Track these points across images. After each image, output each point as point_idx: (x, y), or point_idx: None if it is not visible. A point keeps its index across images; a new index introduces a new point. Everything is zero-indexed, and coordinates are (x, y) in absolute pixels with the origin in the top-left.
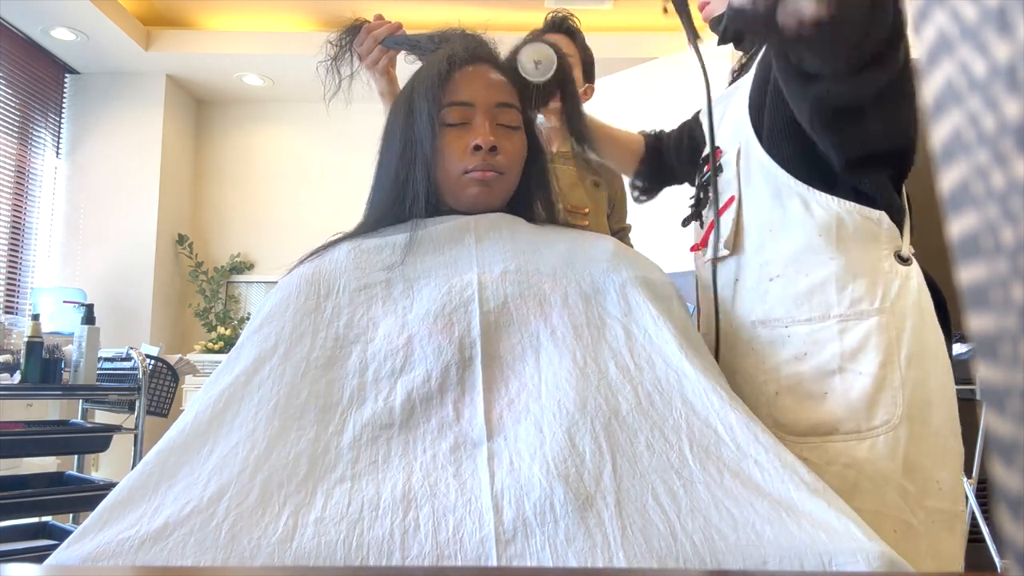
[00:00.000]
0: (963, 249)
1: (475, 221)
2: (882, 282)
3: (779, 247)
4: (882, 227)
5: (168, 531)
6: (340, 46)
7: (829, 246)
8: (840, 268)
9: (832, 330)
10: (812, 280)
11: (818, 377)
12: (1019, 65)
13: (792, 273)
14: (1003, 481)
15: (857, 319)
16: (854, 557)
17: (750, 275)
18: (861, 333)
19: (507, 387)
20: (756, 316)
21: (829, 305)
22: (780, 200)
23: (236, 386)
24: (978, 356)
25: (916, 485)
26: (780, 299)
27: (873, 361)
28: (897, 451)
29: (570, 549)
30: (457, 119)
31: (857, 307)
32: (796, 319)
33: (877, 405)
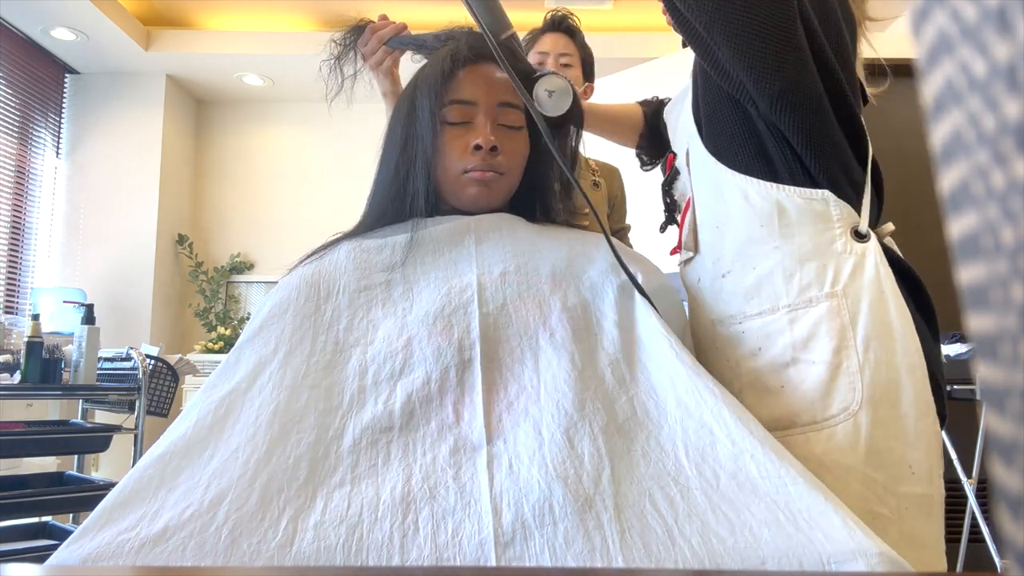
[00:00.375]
0: (963, 249)
1: (475, 222)
2: (833, 264)
3: (725, 243)
4: (829, 205)
5: (168, 534)
6: (344, 45)
7: (772, 235)
8: (785, 256)
9: (782, 321)
10: (759, 272)
11: (773, 370)
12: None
13: (740, 268)
14: (1003, 481)
15: (806, 307)
16: (853, 557)
17: (706, 274)
18: (811, 321)
19: (506, 389)
20: (714, 315)
21: (777, 296)
22: (722, 194)
23: (237, 392)
24: (978, 356)
25: (885, 472)
26: (732, 295)
27: (826, 348)
28: (858, 439)
29: (569, 552)
30: (458, 118)
31: (805, 294)
32: (748, 314)
33: (833, 393)
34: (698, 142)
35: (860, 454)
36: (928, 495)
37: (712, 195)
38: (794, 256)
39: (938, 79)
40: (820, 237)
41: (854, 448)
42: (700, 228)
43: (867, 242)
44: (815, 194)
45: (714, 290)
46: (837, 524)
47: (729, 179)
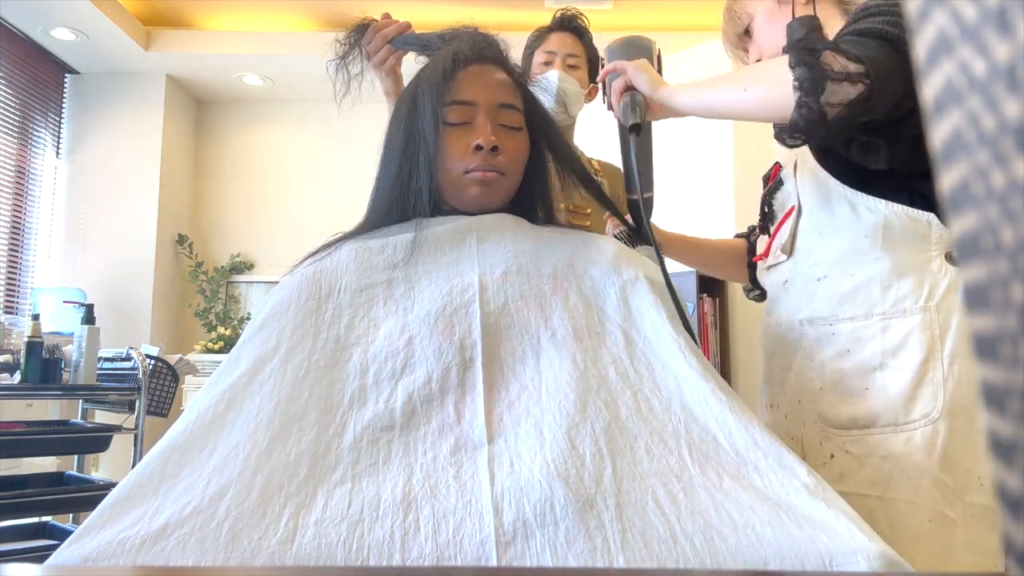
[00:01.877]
0: (963, 249)
1: (477, 222)
2: (929, 281)
3: (828, 248)
4: (932, 228)
5: (169, 531)
6: (348, 45)
7: (875, 247)
8: (885, 268)
9: (875, 327)
10: (858, 280)
11: (860, 373)
12: (1019, 65)
13: (838, 273)
14: (1003, 481)
15: (900, 316)
16: (855, 557)
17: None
18: (903, 330)
19: (507, 389)
20: (804, 315)
21: (873, 303)
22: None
23: (238, 387)
24: (978, 356)
25: (955, 479)
26: (826, 298)
27: (914, 357)
28: (935, 445)
29: (570, 551)
30: (459, 118)
31: (900, 305)
32: (840, 317)
33: (915, 400)
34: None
35: (935, 459)
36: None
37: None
38: (894, 269)
39: (938, 79)
40: (920, 255)
41: (930, 452)
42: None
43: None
44: (920, 215)
45: (807, 291)
46: (839, 525)
47: (840, 191)
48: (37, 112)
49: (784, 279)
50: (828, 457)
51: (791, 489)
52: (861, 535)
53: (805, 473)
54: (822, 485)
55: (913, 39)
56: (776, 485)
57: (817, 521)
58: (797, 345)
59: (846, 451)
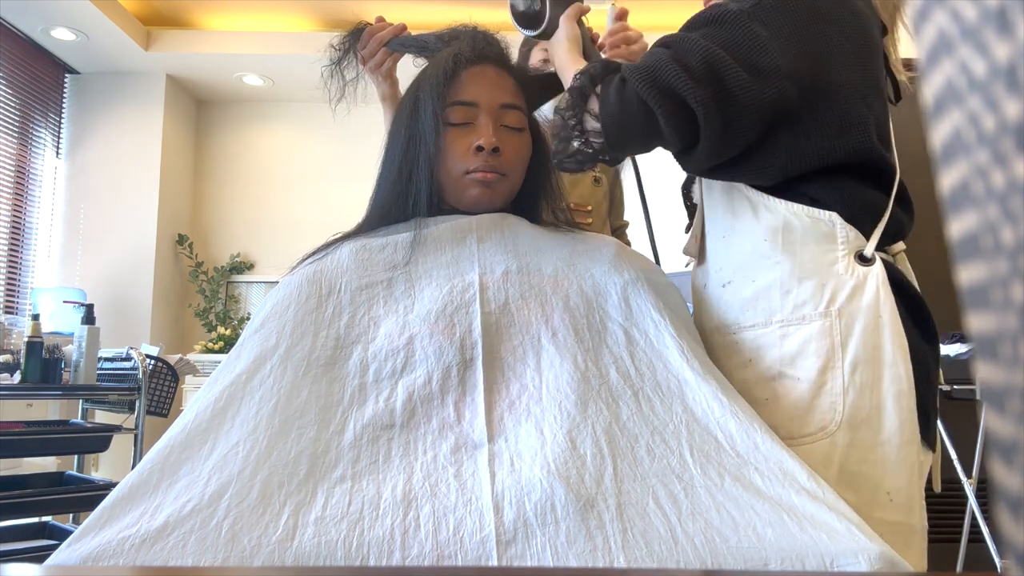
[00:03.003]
0: (963, 249)
1: (477, 221)
2: (832, 284)
3: (730, 253)
4: (835, 227)
5: (169, 530)
6: (343, 49)
7: (775, 250)
8: (785, 272)
9: (774, 335)
10: (758, 285)
11: (760, 383)
12: (1019, 65)
13: (741, 279)
14: (1003, 481)
15: (798, 324)
16: (855, 557)
17: (710, 281)
18: (801, 338)
19: (508, 388)
20: (713, 323)
21: (772, 310)
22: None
23: (237, 385)
24: (978, 356)
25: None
26: (730, 305)
27: (812, 366)
28: (832, 459)
29: (571, 551)
30: (461, 119)
31: (799, 311)
32: (743, 325)
33: (812, 411)
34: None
35: (833, 474)
36: (907, 524)
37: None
38: (794, 273)
39: (938, 79)
40: (823, 257)
41: (827, 467)
42: (707, 236)
43: (871, 266)
44: (822, 215)
45: (715, 298)
46: (840, 526)
47: (741, 191)
48: (37, 112)
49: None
50: None
51: (792, 490)
52: (862, 536)
53: (806, 477)
54: (822, 487)
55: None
56: (777, 486)
57: (818, 521)
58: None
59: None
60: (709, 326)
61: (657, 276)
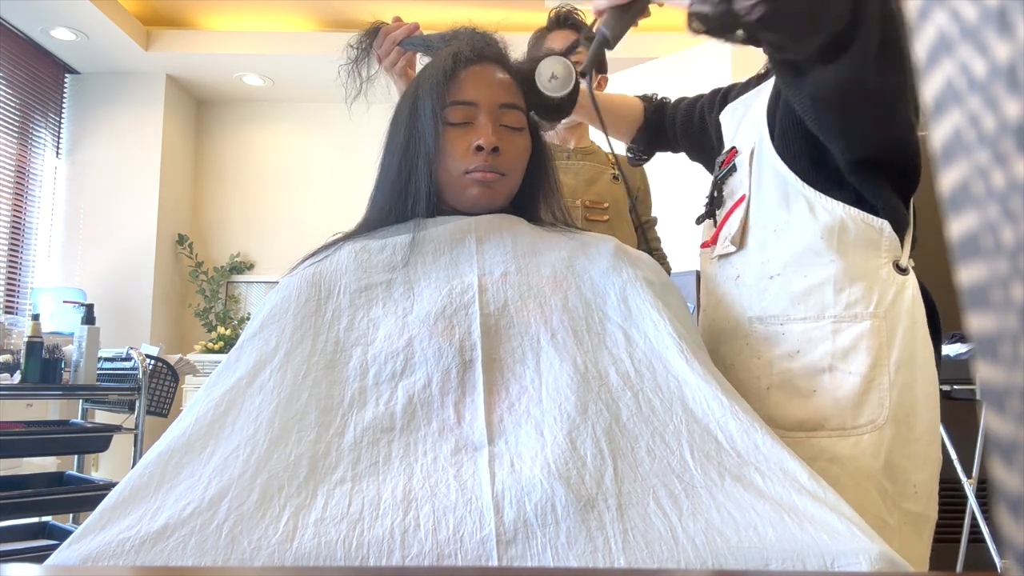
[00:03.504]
0: (963, 249)
1: (476, 222)
2: (879, 288)
3: (781, 247)
4: (883, 235)
5: (168, 532)
6: (360, 49)
7: (830, 249)
8: (839, 271)
9: (826, 330)
10: (811, 281)
11: (808, 374)
12: (1019, 65)
13: (792, 273)
14: (1003, 481)
15: (851, 321)
16: (856, 558)
17: (751, 272)
18: (854, 335)
19: (507, 390)
20: (754, 312)
21: (825, 306)
22: (787, 202)
23: (237, 389)
24: (978, 356)
25: (895, 486)
26: (778, 297)
27: (863, 362)
28: (880, 450)
29: (571, 551)
30: (460, 118)
31: (852, 310)
32: (792, 317)
33: (864, 405)
34: (769, 147)
35: (880, 464)
36: (925, 515)
37: (776, 200)
38: (847, 273)
39: (938, 79)
40: (870, 261)
41: (876, 457)
42: (752, 228)
43: (907, 275)
44: (875, 221)
45: (758, 289)
46: (841, 526)
47: (799, 189)
48: (37, 112)
49: (736, 274)
50: None
51: (793, 490)
52: (863, 536)
53: (807, 477)
54: (823, 487)
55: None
56: (778, 486)
57: (819, 521)
58: (743, 343)
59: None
60: (747, 315)
61: (657, 276)
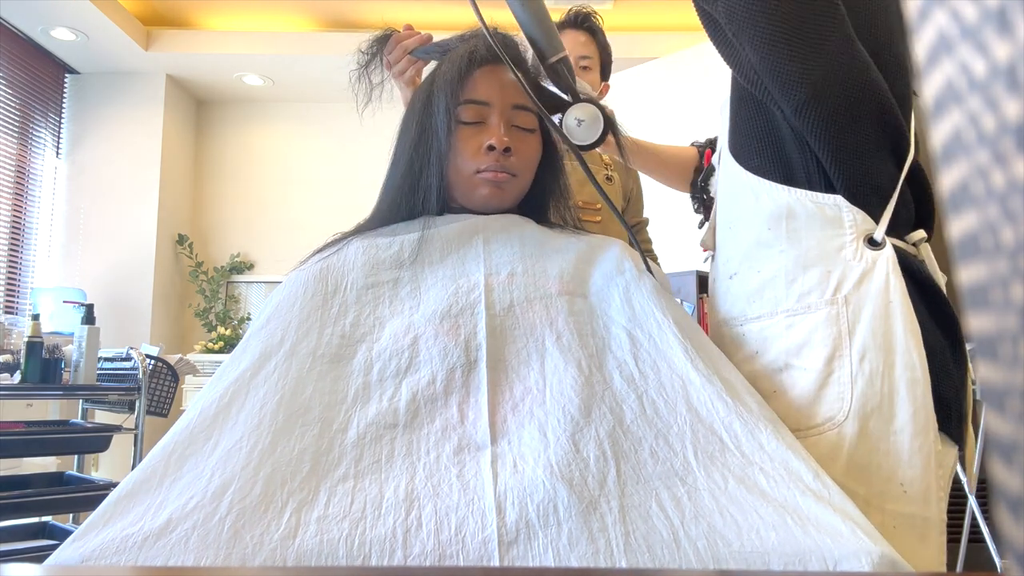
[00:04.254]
0: (963, 249)
1: (484, 222)
2: (838, 271)
3: (736, 243)
4: (841, 211)
5: (171, 526)
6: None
7: (779, 238)
8: (790, 261)
9: (780, 326)
10: (763, 276)
11: (768, 375)
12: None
13: (746, 270)
14: (1003, 481)
15: (804, 313)
16: (858, 559)
17: (718, 274)
18: (807, 327)
19: (511, 391)
20: (720, 315)
21: (777, 301)
22: (736, 194)
23: (241, 381)
24: (978, 356)
25: (868, 487)
26: (737, 297)
27: (818, 356)
28: (840, 451)
29: (573, 553)
30: (473, 117)
31: (804, 300)
32: (748, 316)
33: (819, 402)
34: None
35: (840, 466)
36: (923, 517)
37: (728, 194)
38: (798, 261)
39: (938, 79)
40: (829, 243)
41: (834, 460)
42: (718, 227)
43: (881, 250)
44: (827, 199)
45: (723, 290)
46: (844, 528)
47: (744, 179)
48: (37, 112)
49: (714, 276)
50: None
51: (797, 491)
52: (865, 537)
53: (811, 476)
54: (828, 487)
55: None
56: (782, 486)
57: (822, 523)
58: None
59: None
60: (717, 319)
61: (659, 277)
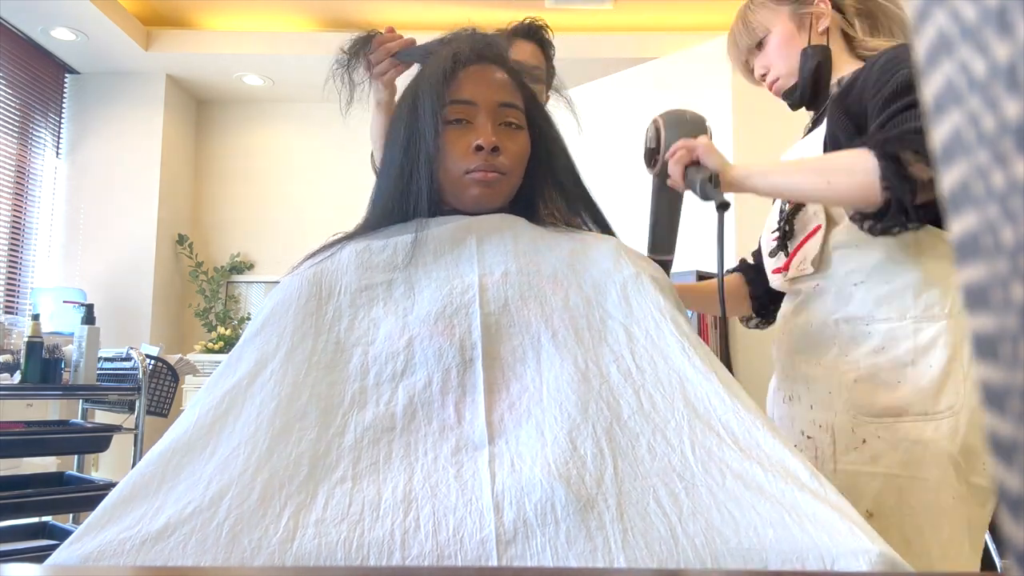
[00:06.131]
0: (963, 249)
1: (476, 222)
2: (952, 292)
3: (865, 258)
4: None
5: (169, 531)
6: (352, 55)
7: (908, 259)
8: (917, 278)
9: (908, 328)
10: (893, 286)
11: (894, 367)
12: (1019, 65)
13: (875, 280)
14: (1003, 481)
15: (929, 321)
16: (856, 558)
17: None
18: (932, 333)
19: (508, 389)
20: (840, 315)
21: (906, 308)
22: None
23: (239, 389)
24: (978, 356)
25: (968, 463)
26: (863, 301)
27: (941, 357)
28: (957, 432)
29: (571, 551)
30: (460, 118)
31: (930, 311)
32: (877, 318)
33: (942, 393)
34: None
35: (957, 444)
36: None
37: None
38: (924, 279)
39: (938, 79)
40: (945, 269)
41: (953, 439)
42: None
43: None
44: (943, 234)
45: (844, 295)
46: (842, 526)
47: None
48: (37, 112)
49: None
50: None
51: (794, 489)
52: (863, 536)
53: (808, 475)
54: (824, 486)
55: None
56: (780, 484)
57: (820, 521)
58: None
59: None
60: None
61: (657, 274)
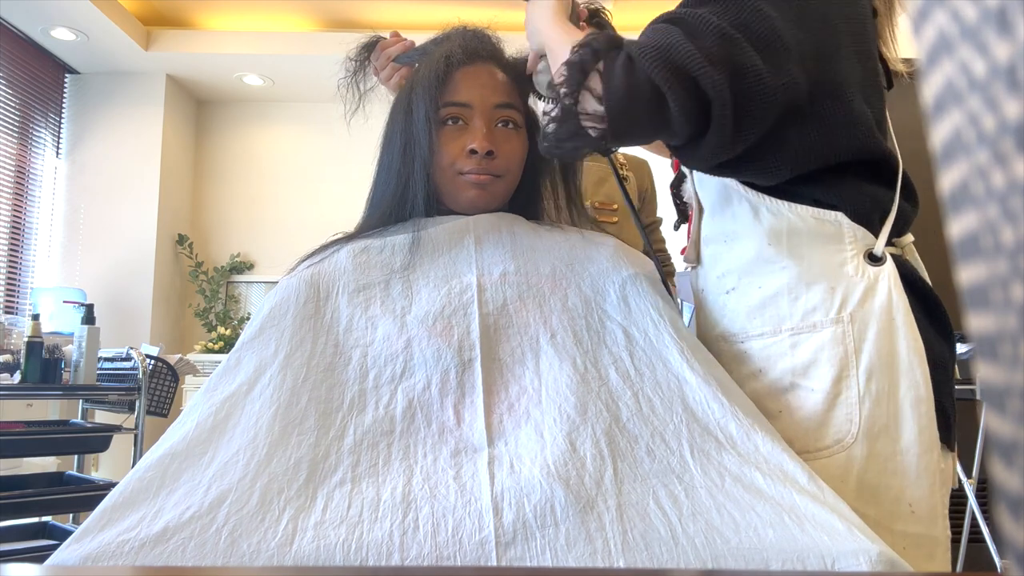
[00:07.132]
0: (963, 249)
1: (474, 222)
2: (842, 288)
3: (733, 257)
4: (842, 228)
5: (168, 535)
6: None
7: (780, 254)
8: (793, 277)
9: (784, 344)
10: (765, 292)
11: (772, 394)
12: (1019, 65)
13: (746, 285)
14: (1003, 481)
15: (809, 331)
16: (856, 558)
17: (710, 288)
18: (813, 346)
19: (507, 391)
20: (718, 330)
21: (781, 318)
22: (731, 206)
23: (238, 395)
24: (978, 356)
25: (879, 508)
26: (736, 313)
27: (825, 376)
28: (850, 473)
29: (570, 553)
30: (455, 116)
31: (809, 319)
32: (750, 334)
33: (828, 424)
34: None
35: (851, 488)
36: (930, 536)
37: (720, 207)
38: (802, 277)
39: (938, 79)
40: (831, 259)
41: (844, 481)
42: (704, 241)
43: (882, 265)
44: (828, 215)
45: (718, 305)
46: (841, 526)
47: (740, 192)
48: (37, 112)
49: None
50: None
51: (793, 491)
52: (862, 536)
53: (807, 479)
54: (823, 489)
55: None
56: (779, 486)
57: (819, 522)
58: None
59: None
60: (713, 334)
61: (656, 275)
